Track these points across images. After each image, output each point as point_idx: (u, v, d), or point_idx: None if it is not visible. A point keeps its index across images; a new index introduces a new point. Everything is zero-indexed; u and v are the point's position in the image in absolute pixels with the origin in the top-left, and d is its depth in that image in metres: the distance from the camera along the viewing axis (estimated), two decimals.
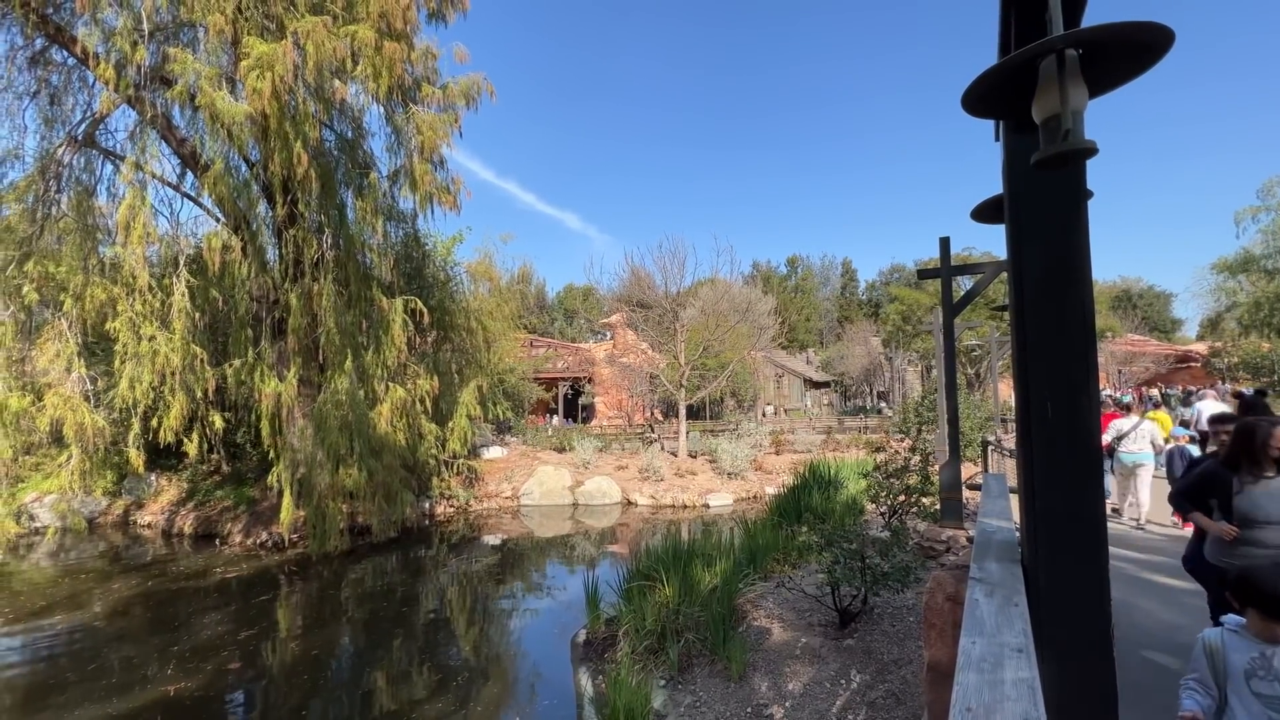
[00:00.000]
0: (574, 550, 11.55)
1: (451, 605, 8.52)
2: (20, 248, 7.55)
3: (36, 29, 8.50)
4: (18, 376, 7.05)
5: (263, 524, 11.98)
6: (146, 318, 8.26)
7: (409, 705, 5.36)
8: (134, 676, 5.94)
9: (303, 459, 10.18)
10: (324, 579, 9.56)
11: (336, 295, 10.30)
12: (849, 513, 8.37)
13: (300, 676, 6.07)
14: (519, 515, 14.50)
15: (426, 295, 12.87)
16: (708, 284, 23.63)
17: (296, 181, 9.22)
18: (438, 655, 6.66)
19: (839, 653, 4.62)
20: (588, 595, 6.25)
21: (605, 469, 16.68)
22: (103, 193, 9.38)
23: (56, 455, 8.04)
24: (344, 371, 10.10)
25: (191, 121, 9.54)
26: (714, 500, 14.84)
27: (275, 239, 10.84)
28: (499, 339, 18.36)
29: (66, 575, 10.07)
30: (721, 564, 6.04)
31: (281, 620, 7.93)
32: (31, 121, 8.85)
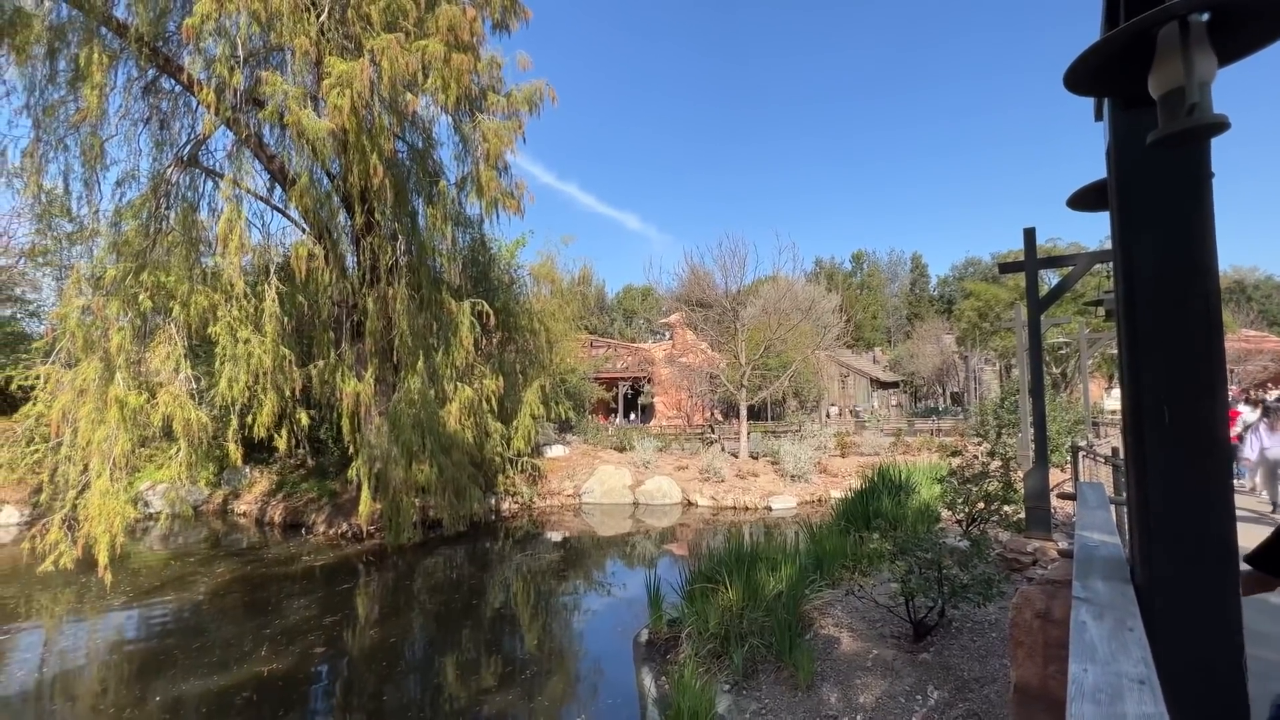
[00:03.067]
0: (634, 549, 11.60)
1: (517, 599, 8.74)
2: (136, 260, 8.34)
3: (149, 60, 9.36)
4: (134, 376, 7.78)
5: (343, 516, 12.71)
6: (242, 322, 8.95)
7: (478, 695, 5.53)
8: (232, 654, 6.43)
9: (379, 455, 10.71)
10: (399, 570, 10.03)
11: (409, 299, 10.79)
12: (922, 520, 7.98)
13: (378, 663, 6.39)
14: (580, 513, 14.71)
15: (492, 298, 13.27)
16: (769, 282, 23.20)
17: (373, 191, 9.72)
18: (504, 647, 6.85)
19: (914, 667, 4.40)
20: (649, 595, 6.25)
21: (665, 469, 16.67)
22: (204, 208, 10.22)
23: (167, 448, 8.83)
24: (416, 371, 10.57)
25: (280, 139, 10.24)
26: (776, 503, 14.53)
27: (354, 246, 11.48)
28: (561, 340, 18.71)
29: (176, 558, 11.05)
30: (786, 569, 5.89)
31: (360, 608, 8.38)
32: (145, 145, 9.77)
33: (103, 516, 7.18)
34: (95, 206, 9.16)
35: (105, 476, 7.29)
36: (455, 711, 5.27)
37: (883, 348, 49.86)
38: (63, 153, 8.73)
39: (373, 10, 9.04)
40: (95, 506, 7.20)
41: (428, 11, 9.71)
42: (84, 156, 8.69)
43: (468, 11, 10.13)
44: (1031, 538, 5.81)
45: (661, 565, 9.88)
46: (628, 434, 19.78)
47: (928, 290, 65.29)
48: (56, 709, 5.65)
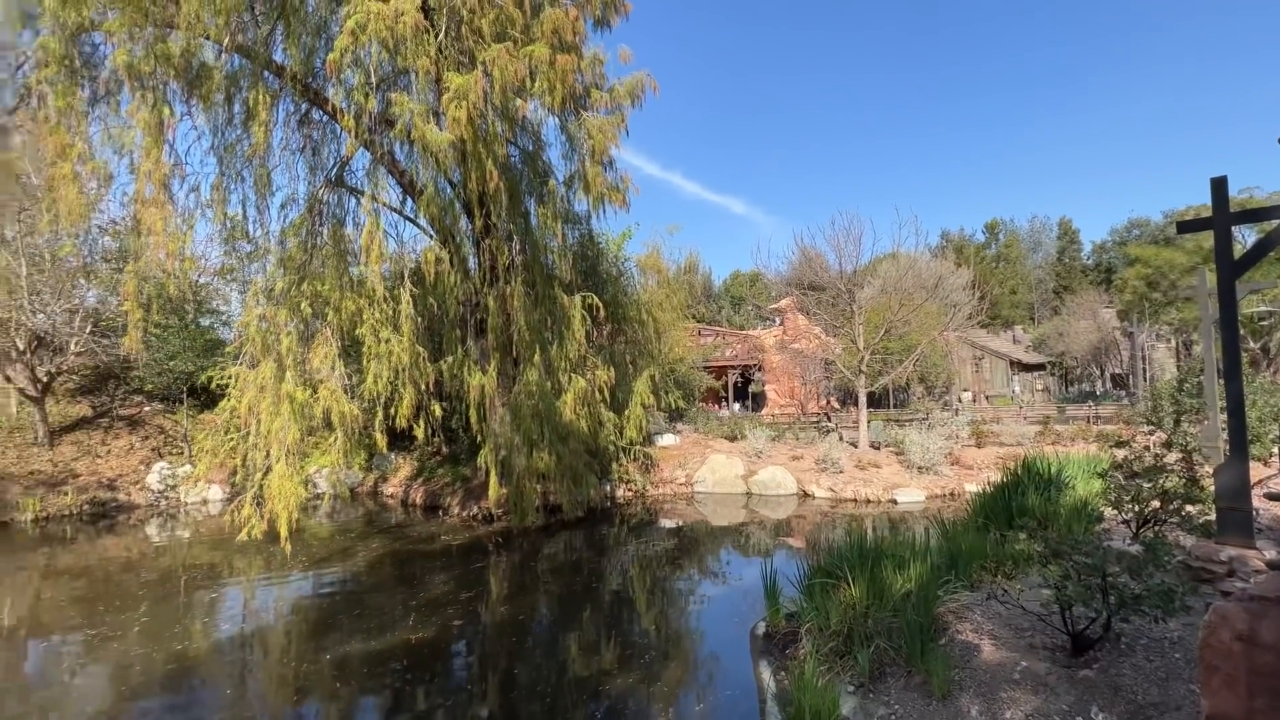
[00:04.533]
0: (748, 540, 11.43)
1: (633, 584, 8.96)
2: (298, 272, 9.54)
3: (301, 96, 10.60)
4: (300, 374, 8.92)
5: (474, 499, 13.75)
6: (383, 324, 9.94)
7: (599, 675, 5.73)
8: (385, 621, 7.19)
9: (503, 443, 11.44)
10: (524, 551, 10.67)
11: (525, 295, 11.37)
12: (1079, 519, 7.08)
13: (508, 638, 6.84)
14: (693, 502, 14.76)
15: (601, 291, 13.62)
16: (888, 259, 21.71)
17: (489, 196, 10.33)
18: (622, 630, 7.04)
19: (1072, 684, 3.91)
20: (766, 587, 6.12)
21: (779, 459, 16.24)
22: (350, 223, 11.41)
23: (327, 437, 10.06)
24: (533, 364, 11.14)
25: (408, 154, 11.16)
26: (902, 496, 13.63)
27: (475, 249, 12.29)
28: (669, 329, 18.82)
29: (339, 532, 12.59)
30: (915, 567, 5.49)
31: (492, 585, 9.02)
32: (301, 170, 11.13)
33: (281, 496, 8.35)
34: (266, 228, 10.59)
35: (282, 461, 8.46)
36: (579, 689, 5.51)
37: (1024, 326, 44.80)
38: (240, 184, 10.16)
39: (484, 23, 9.55)
40: (275, 487, 8.39)
41: (533, 17, 10.09)
42: (256, 186, 10.05)
43: (570, 12, 10.38)
44: (1225, 544, 4.92)
45: (777, 557, 9.65)
46: (739, 423, 19.49)
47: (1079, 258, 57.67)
48: (254, 656, 6.66)
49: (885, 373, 19.41)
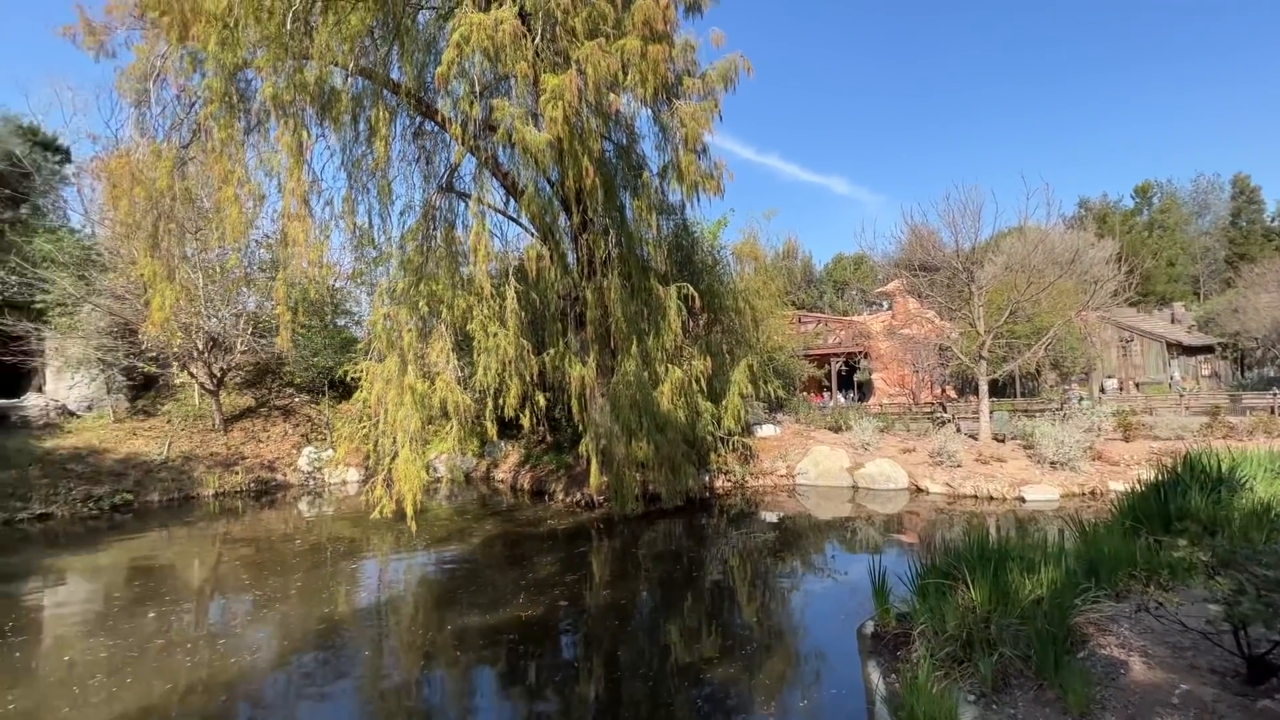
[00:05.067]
0: (855, 535, 10.95)
1: (734, 574, 8.90)
2: (416, 274, 10.37)
3: (415, 109, 11.43)
4: (420, 368, 9.70)
5: (577, 486, 14.28)
6: (490, 319, 10.56)
7: (700, 663, 5.77)
8: (498, 598, 7.67)
9: (603, 432, 11.76)
10: (625, 537, 10.94)
11: (621, 288, 11.57)
12: (1258, 525, 6.07)
13: (612, 621, 7.06)
14: (795, 494, 14.37)
15: (696, 280, 13.55)
16: (1014, 233, 19.75)
17: (586, 192, 10.59)
18: (723, 620, 7.02)
19: (1249, 715, 3.39)
20: (874, 585, 5.84)
21: (888, 451, 15.37)
22: (459, 225, 12.17)
23: (444, 425, 10.87)
24: (630, 355, 11.33)
25: (510, 156, 11.69)
26: (1031, 494, 12.41)
27: (573, 244, 12.67)
28: (767, 317, 18.37)
29: (456, 514, 13.59)
30: (1048, 571, 4.98)
31: (595, 569, 9.34)
32: (417, 179, 12.04)
33: (406, 479, 9.16)
34: (388, 234, 11.57)
35: (406, 447, 9.27)
36: (681, 674, 5.58)
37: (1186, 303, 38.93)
38: (365, 195, 11.16)
39: (577, 22, 9.76)
40: (401, 471, 9.22)
41: (624, 10, 10.16)
42: (379, 196, 11.01)
43: (660, 1, 10.34)
44: None
45: (886, 554, 9.17)
46: (844, 413, 18.66)
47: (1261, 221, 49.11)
48: (388, 623, 7.39)
49: (1010, 358, 17.71)
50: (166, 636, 6.78)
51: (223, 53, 8.51)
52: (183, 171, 10.06)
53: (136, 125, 10.21)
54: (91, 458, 16.04)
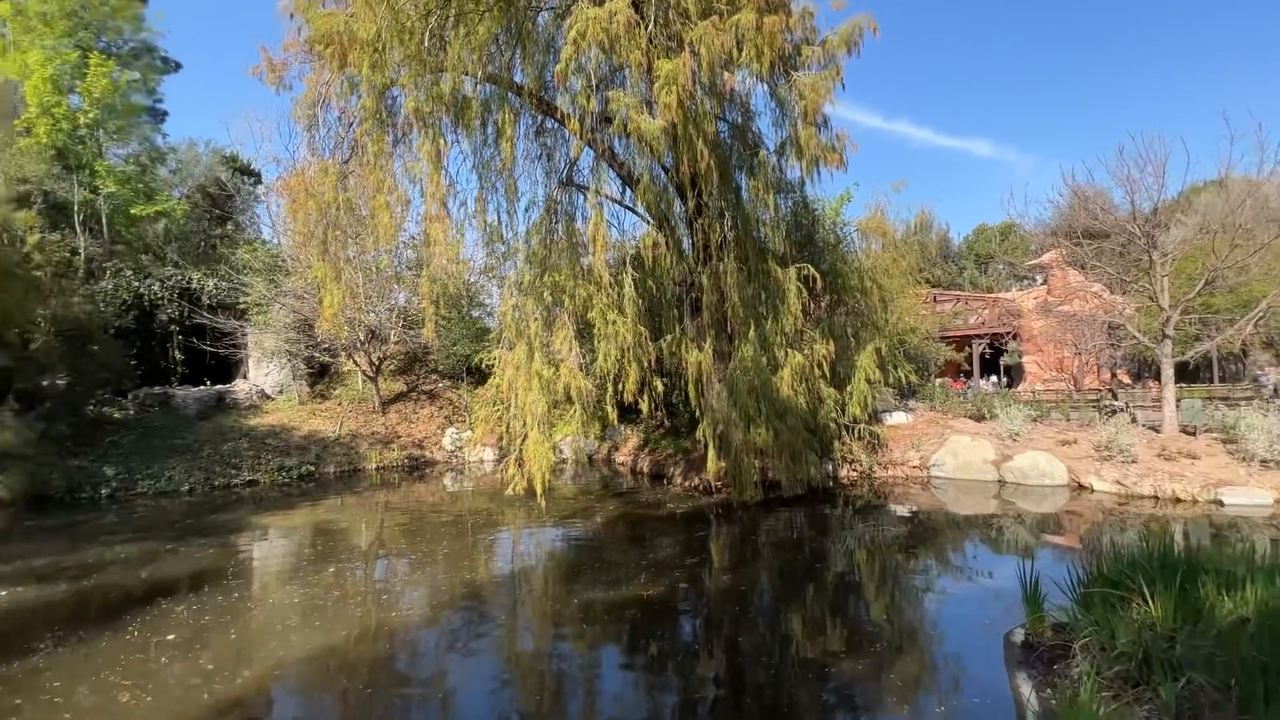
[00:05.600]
0: (1001, 534, 9.96)
1: (860, 568, 8.49)
2: (540, 266, 10.95)
3: (537, 109, 11.98)
4: (546, 355, 10.27)
5: (694, 470, 14.37)
6: (609, 307, 10.88)
7: (824, 656, 5.59)
8: (621, 575, 7.97)
9: (720, 418, 11.70)
10: (743, 524, 10.85)
11: (738, 271, 11.36)
12: None
13: (731, 606, 7.05)
14: (929, 487, 13.35)
15: (817, 260, 12.95)
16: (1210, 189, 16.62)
17: (701, 175, 10.50)
18: (849, 615, 6.74)
19: None
20: (1024, 590, 5.28)
21: (1042, 443, 13.76)
22: (579, 217, 12.62)
23: (568, 409, 11.42)
24: (748, 340, 11.12)
25: (625, 146, 11.88)
26: (1233, 496, 10.49)
27: (688, 229, 12.64)
28: (896, 297, 17.13)
29: (580, 494, 14.28)
30: (1257, 588, 4.19)
31: (714, 554, 9.38)
32: (540, 176, 12.62)
33: (536, 459, 9.78)
34: (515, 230, 12.28)
35: (535, 430, 9.89)
36: (804, 665, 5.45)
37: None
38: (494, 194, 11.92)
39: (689, 3, 9.64)
40: (531, 451, 9.86)
41: None
42: (506, 194, 11.71)
43: None
44: None
45: (1040, 557, 8.24)
46: (987, 400, 16.96)
47: None
48: (521, 591, 7.98)
49: (1206, 337, 15.01)
50: (342, 589, 7.85)
51: (373, 74, 9.48)
52: (344, 184, 11.38)
53: (308, 146, 11.71)
54: (283, 434, 18.91)
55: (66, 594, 7.77)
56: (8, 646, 6.08)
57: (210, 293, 21.26)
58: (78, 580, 8.26)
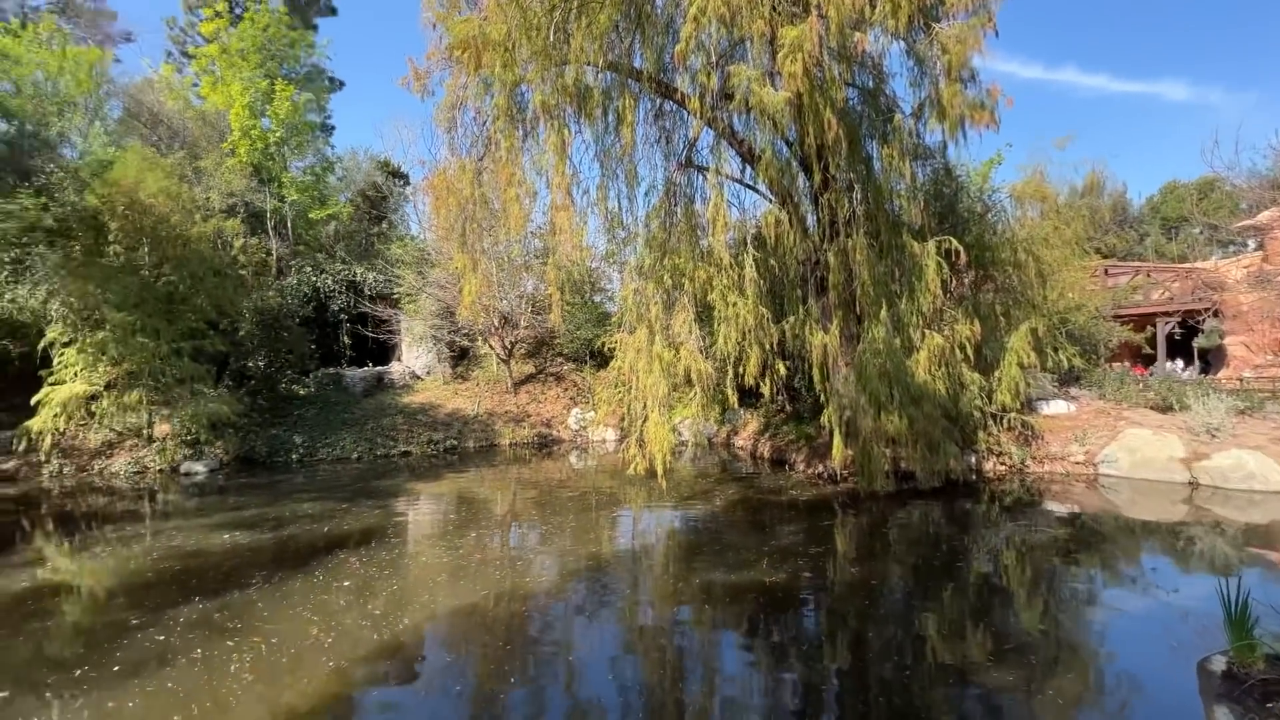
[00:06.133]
0: (1191, 545, 8.52)
1: (1008, 571, 7.70)
2: (660, 250, 11.04)
3: (656, 92, 11.99)
4: (666, 338, 10.36)
5: (818, 457, 13.83)
6: (729, 289, 10.71)
7: (963, 663, 5.17)
8: (741, 559, 7.91)
9: (847, 403, 11.12)
10: (872, 515, 10.27)
11: (868, 248, 10.64)
12: None
13: (857, 599, 6.74)
14: (1095, 486, 11.74)
15: (961, 232, 11.77)
16: None
17: (828, 147, 9.92)
18: (993, 621, 6.15)
19: None
20: (1228, 611, 4.47)
21: (1252, 440, 11.52)
22: (698, 199, 12.51)
23: (688, 392, 11.47)
24: (879, 321, 10.41)
25: (745, 123, 11.52)
26: None
27: (813, 205, 12.05)
28: (1058, 270, 15.12)
29: (699, 477, 14.35)
30: None
31: (839, 544, 8.99)
32: (658, 159, 12.66)
33: (656, 440, 9.96)
34: (635, 215, 12.46)
35: (655, 411, 10.07)
36: (941, 670, 5.08)
37: None
38: (614, 181, 12.15)
39: None
40: (652, 433, 10.05)
41: None
42: (626, 180, 11.89)
43: None
44: None
45: (1248, 575, 6.92)
46: (1175, 388, 14.47)
47: None
48: (642, 567, 8.21)
49: None
50: (482, 554, 8.59)
51: (504, 73, 10.02)
52: (479, 180, 12.22)
53: (448, 147, 12.70)
54: (430, 411, 20.98)
55: (269, 541, 9.27)
56: (230, 580, 7.40)
57: (370, 284, 23.99)
58: (277, 530, 9.83)
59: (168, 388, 15.90)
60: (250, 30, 24.63)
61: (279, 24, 25.43)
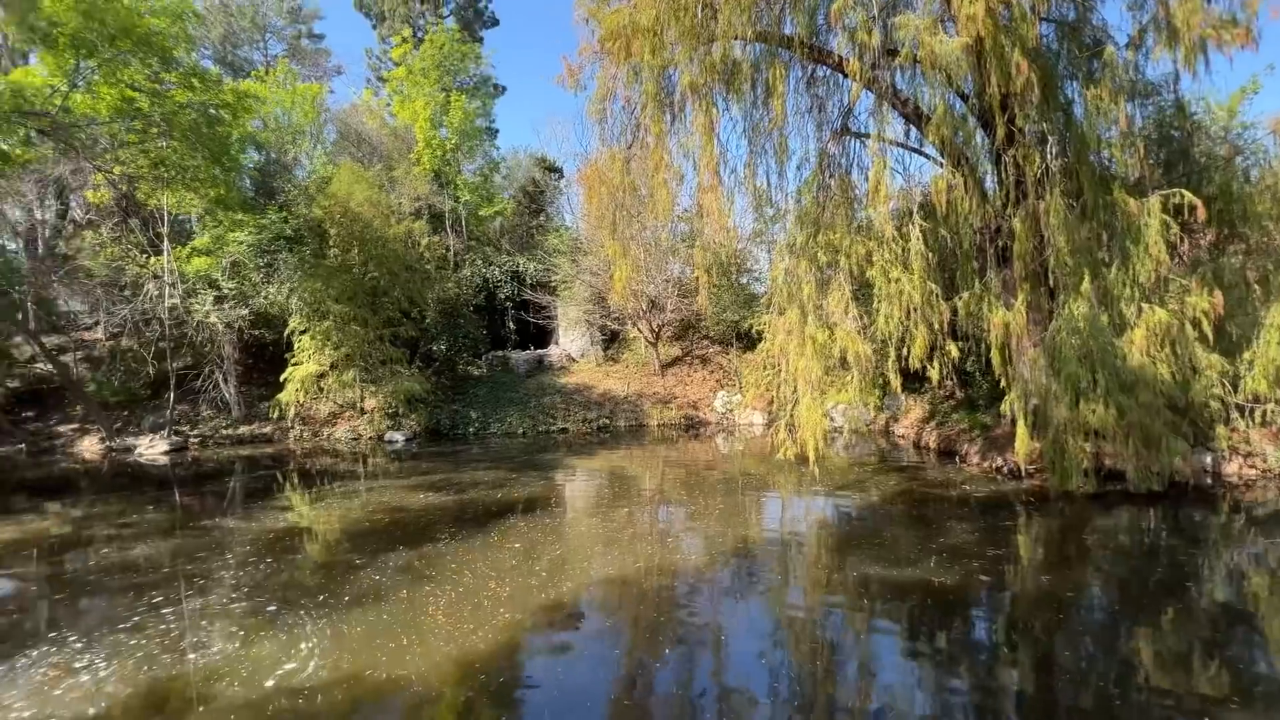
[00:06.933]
0: None
1: (1256, 598, 6.26)
2: (813, 225, 10.48)
3: (807, 58, 11.32)
4: (819, 318, 9.86)
5: (996, 450, 12.33)
6: (892, 263, 9.85)
7: (1188, 697, 4.32)
8: (901, 556, 7.35)
9: (1034, 390, 9.74)
10: (1065, 519, 8.96)
11: (1065, 209, 9.13)
12: None
13: (1046, 612, 5.93)
14: None
15: (1196, 182, 9.65)
16: None
17: (1014, 96, 8.64)
18: (1234, 655, 5.05)
19: None
20: None
21: None
22: (854, 169, 11.65)
23: (843, 375, 10.86)
24: (1080, 294, 8.91)
25: (910, 80, 10.45)
26: None
27: (994, 165, 10.61)
28: None
29: (854, 465, 13.56)
30: None
31: (1023, 548, 7.98)
32: (810, 130, 11.99)
33: (808, 425, 9.58)
34: (784, 191, 11.97)
35: (807, 395, 9.67)
36: (1158, 703, 4.30)
37: None
38: (763, 156, 11.74)
39: None
40: (804, 417, 9.68)
41: None
42: (775, 154, 11.43)
43: None
44: None
45: None
46: None
47: None
48: (791, 555, 8.00)
49: None
50: (634, 528, 8.97)
51: (653, 58, 10.13)
52: (628, 168, 12.54)
53: (600, 138, 13.17)
54: (584, 391, 22.25)
55: (452, 502, 10.55)
56: (425, 534, 8.57)
57: (531, 274, 25.94)
58: (459, 493, 11.14)
59: (374, 368, 18.74)
60: (429, 50, 27.62)
61: (452, 40, 28.20)
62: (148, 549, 8.34)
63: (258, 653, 5.21)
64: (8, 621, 6.15)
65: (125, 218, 20.71)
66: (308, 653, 5.15)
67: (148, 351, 19.11)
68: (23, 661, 5.12)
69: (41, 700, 4.51)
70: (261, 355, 21.06)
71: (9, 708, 4.42)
